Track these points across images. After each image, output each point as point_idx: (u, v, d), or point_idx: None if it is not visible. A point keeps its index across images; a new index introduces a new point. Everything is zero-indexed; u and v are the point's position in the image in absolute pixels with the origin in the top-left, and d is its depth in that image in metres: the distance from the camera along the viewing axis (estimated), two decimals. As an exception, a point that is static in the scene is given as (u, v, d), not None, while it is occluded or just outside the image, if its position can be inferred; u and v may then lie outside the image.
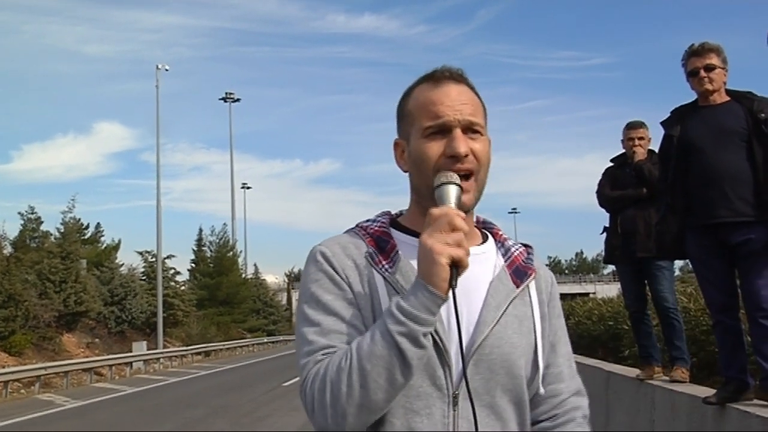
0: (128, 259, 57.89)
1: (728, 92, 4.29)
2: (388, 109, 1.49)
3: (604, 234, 5.98)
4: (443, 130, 1.33)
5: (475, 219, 1.48)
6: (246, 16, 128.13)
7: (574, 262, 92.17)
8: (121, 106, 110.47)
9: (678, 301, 5.88)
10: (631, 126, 5.83)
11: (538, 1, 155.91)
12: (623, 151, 5.92)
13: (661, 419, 5.16)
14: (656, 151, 5.73)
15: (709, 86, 4.24)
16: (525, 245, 1.48)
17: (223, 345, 36.31)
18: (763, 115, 4.09)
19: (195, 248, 48.82)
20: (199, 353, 32.52)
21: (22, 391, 18.89)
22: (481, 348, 1.29)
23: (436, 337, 1.26)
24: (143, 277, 36.94)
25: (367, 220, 1.44)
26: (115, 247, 40.36)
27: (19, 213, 32.88)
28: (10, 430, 12.04)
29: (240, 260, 52.18)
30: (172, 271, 39.64)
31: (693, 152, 4.26)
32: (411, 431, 1.26)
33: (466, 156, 1.31)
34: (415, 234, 1.29)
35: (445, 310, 1.26)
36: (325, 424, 1.22)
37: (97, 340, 30.22)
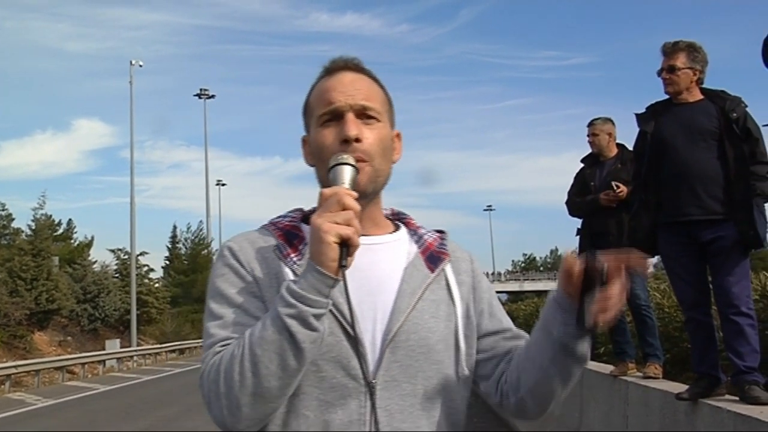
0: (102, 257, 57.18)
1: (702, 91, 4.32)
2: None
3: (578, 236, 6.03)
4: (337, 116, 1.31)
5: (390, 210, 1.48)
6: (229, 14, 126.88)
7: (549, 259, 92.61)
8: (102, 103, 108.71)
9: (651, 297, 5.94)
10: (590, 123, 5.97)
11: (520, 1, 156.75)
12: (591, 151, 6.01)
13: (635, 415, 5.21)
14: (624, 145, 5.82)
15: (669, 88, 4.28)
16: (439, 231, 1.47)
17: (198, 342, 35.96)
18: (734, 114, 4.13)
19: (169, 245, 48.40)
20: (173, 351, 32.26)
21: (-8, 390, 18.59)
22: (398, 335, 1.27)
23: (347, 327, 1.24)
24: (116, 275, 36.49)
25: (279, 216, 1.42)
26: (88, 245, 39.84)
27: (-11, 210, 32.39)
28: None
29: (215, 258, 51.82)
30: (145, 269, 39.25)
31: (665, 149, 4.29)
32: (325, 423, 1.23)
33: (358, 140, 1.29)
34: None
35: (356, 299, 1.23)
36: (221, 416, 1.19)
37: (69, 338, 29.84)
